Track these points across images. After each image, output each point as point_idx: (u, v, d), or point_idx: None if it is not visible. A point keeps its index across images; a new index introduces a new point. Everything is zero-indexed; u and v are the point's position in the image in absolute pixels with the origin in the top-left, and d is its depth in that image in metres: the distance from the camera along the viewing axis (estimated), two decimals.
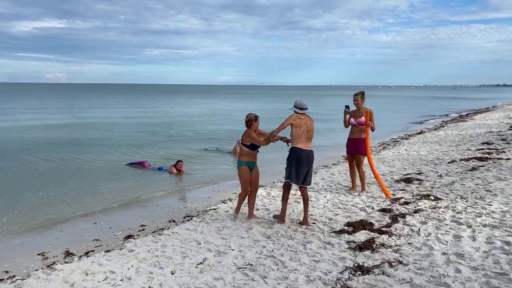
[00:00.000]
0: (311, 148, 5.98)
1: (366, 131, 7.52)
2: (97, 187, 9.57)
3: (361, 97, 7.58)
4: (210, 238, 5.72)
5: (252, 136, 6.12)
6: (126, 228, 6.66)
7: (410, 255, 4.72)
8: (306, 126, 5.87)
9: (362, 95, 7.62)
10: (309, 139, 5.97)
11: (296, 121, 5.83)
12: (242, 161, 6.33)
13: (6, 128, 22.10)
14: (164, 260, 4.97)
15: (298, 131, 5.85)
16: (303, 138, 5.87)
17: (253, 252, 5.09)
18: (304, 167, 5.90)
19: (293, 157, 5.88)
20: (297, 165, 5.86)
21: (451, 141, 15.17)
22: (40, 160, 12.81)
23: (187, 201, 8.33)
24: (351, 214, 6.46)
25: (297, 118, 5.86)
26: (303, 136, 5.87)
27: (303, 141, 5.88)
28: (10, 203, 8.18)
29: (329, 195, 7.74)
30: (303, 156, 5.86)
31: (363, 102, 7.60)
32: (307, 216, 6.07)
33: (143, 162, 12.17)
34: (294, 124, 5.84)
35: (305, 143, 5.90)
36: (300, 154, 5.85)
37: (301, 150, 5.85)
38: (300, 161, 5.85)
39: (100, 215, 7.50)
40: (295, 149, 5.87)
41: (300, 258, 4.78)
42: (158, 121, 27.63)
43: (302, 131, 5.85)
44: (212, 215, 6.94)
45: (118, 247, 5.64)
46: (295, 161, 5.86)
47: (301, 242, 5.36)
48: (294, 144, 5.89)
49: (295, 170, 5.88)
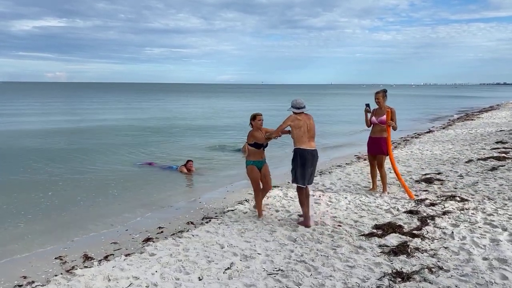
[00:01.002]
0: (315, 148, 5.86)
1: (387, 131, 7.31)
2: (108, 188, 9.33)
3: (382, 95, 7.36)
4: (233, 241, 5.51)
5: (255, 134, 6.18)
6: (143, 230, 6.45)
7: (448, 260, 4.51)
8: (306, 126, 5.76)
9: (384, 93, 7.39)
10: (312, 138, 5.85)
11: (295, 122, 5.72)
12: (249, 161, 6.35)
13: (9, 130, 21.90)
14: (189, 265, 4.77)
15: (299, 132, 5.73)
16: (305, 138, 5.75)
17: (281, 257, 4.88)
18: (309, 167, 5.79)
19: (297, 158, 5.77)
20: (302, 166, 5.75)
21: (463, 140, 14.95)
22: (47, 163, 12.55)
23: (202, 202, 8.10)
24: (377, 216, 6.25)
25: (295, 119, 5.74)
26: (305, 136, 5.75)
27: (306, 141, 5.76)
28: (22, 206, 7.96)
29: (350, 196, 7.53)
30: (308, 156, 5.74)
31: (385, 100, 7.38)
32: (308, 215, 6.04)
33: (150, 163, 12.01)
34: (294, 125, 5.73)
35: (308, 143, 5.78)
36: (304, 154, 5.74)
37: (305, 151, 5.74)
38: (305, 161, 5.74)
39: (114, 217, 7.26)
40: (299, 150, 5.76)
41: (333, 264, 4.57)
42: (163, 119, 27.37)
43: (303, 131, 5.73)
44: (231, 216, 6.74)
45: (138, 251, 5.43)
46: (300, 162, 5.75)
47: (330, 246, 5.15)
48: (297, 145, 5.77)
49: (300, 172, 5.77)
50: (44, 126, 22.60)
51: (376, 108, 7.46)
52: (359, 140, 17.79)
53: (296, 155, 5.79)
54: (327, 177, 9.49)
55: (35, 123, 23.93)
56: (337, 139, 18.21)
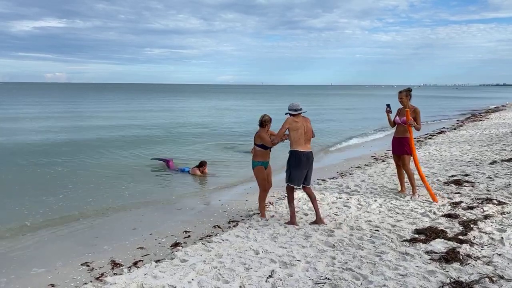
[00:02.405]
0: (310, 150, 5.95)
1: (409, 131, 7.06)
2: (121, 191, 9.06)
3: (405, 95, 7.11)
4: (267, 246, 5.24)
5: (262, 136, 6.24)
6: (169, 234, 6.17)
7: (506, 268, 4.24)
8: (304, 128, 5.83)
9: (407, 92, 7.14)
10: (308, 141, 5.93)
11: (292, 125, 5.81)
12: (257, 161, 6.43)
13: (15, 129, 21.62)
14: (226, 273, 4.49)
15: (296, 134, 5.80)
16: (301, 140, 5.82)
17: (323, 264, 4.61)
18: (304, 168, 5.86)
19: (292, 160, 5.85)
20: (297, 168, 5.83)
21: (480, 141, 14.68)
22: (57, 164, 12.31)
23: (224, 204, 7.82)
24: (415, 220, 5.97)
25: (293, 121, 5.82)
26: (302, 139, 5.82)
27: (302, 144, 5.83)
28: (36, 209, 7.70)
29: (380, 199, 7.26)
30: (303, 158, 5.81)
31: (409, 99, 7.13)
32: (319, 215, 6.06)
33: (168, 160, 11.63)
34: (291, 127, 5.81)
35: (304, 145, 5.85)
36: (299, 156, 5.80)
37: (300, 153, 5.81)
38: (300, 163, 5.81)
39: (135, 221, 6.99)
40: (295, 152, 5.84)
41: (382, 272, 4.29)
42: (169, 120, 27.07)
43: (300, 133, 5.80)
44: (258, 220, 6.47)
45: (168, 257, 5.16)
46: (295, 164, 5.83)
47: (373, 252, 4.87)
48: (294, 147, 5.85)
49: (295, 173, 5.85)
50: (46, 124, 22.35)
51: (400, 108, 7.24)
52: (372, 140, 17.64)
53: (292, 157, 5.86)
54: (349, 178, 9.24)
55: (45, 126, 23.65)
56: (347, 139, 17.95)
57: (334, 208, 6.88)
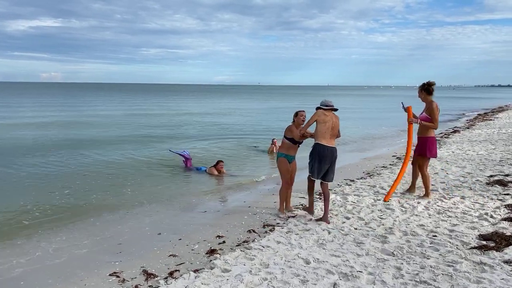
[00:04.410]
0: (334, 145, 5.85)
1: (408, 129, 6.66)
2: (135, 190, 8.51)
3: (420, 90, 6.68)
4: (317, 255, 4.68)
5: (292, 129, 6.25)
6: (200, 240, 5.58)
7: None
8: (332, 123, 5.76)
9: (423, 87, 6.65)
10: (333, 136, 5.84)
11: (321, 117, 5.75)
12: (282, 153, 6.42)
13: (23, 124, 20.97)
14: (280, 286, 3.94)
15: (323, 127, 5.74)
16: (327, 134, 5.75)
17: (389, 275, 4.05)
18: (326, 163, 5.78)
19: (315, 153, 5.79)
20: (319, 161, 5.76)
21: (502, 140, 14.22)
22: (62, 162, 11.72)
23: (250, 206, 7.23)
24: (473, 225, 5.43)
25: (322, 114, 5.77)
26: (328, 133, 5.75)
27: (327, 138, 5.75)
28: (47, 211, 7.12)
29: (422, 201, 6.72)
30: (326, 152, 5.74)
31: (424, 94, 6.63)
32: (327, 214, 5.94)
33: (187, 158, 10.96)
34: (319, 120, 5.75)
35: (329, 140, 5.77)
36: (323, 150, 5.73)
37: (324, 147, 5.73)
38: (323, 157, 5.74)
39: (158, 224, 6.40)
40: (318, 146, 5.76)
41: (465, 285, 3.73)
42: (175, 119, 26.42)
43: (327, 127, 5.73)
44: (296, 224, 5.92)
45: (207, 266, 4.59)
46: (318, 158, 5.76)
47: (442, 261, 4.32)
48: (318, 140, 5.78)
49: (316, 166, 5.78)
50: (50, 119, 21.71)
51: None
52: (386, 138, 17.08)
53: (315, 150, 5.79)
54: (379, 179, 8.70)
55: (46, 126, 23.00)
56: (362, 140, 17.41)
57: (376, 211, 6.34)
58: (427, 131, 6.66)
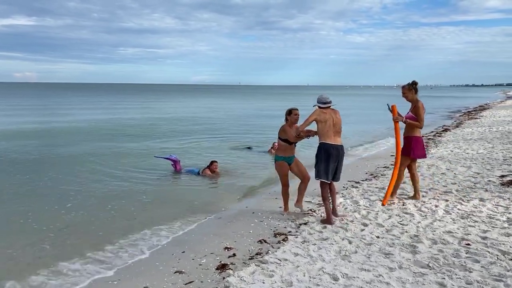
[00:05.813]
0: (340, 143, 5.66)
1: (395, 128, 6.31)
2: (132, 200, 7.85)
3: (408, 89, 6.32)
4: (344, 269, 4.17)
5: (286, 130, 6.03)
6: (207, 252, 4.98)
7: None
8: (332, 120, 5.56)
9: (409, 86, 6.32)
10: (338, 133, 5.65)
11: (320, 116, 5.56)
12: (280, 156, 6.19)
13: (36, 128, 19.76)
14: None
15: (324, 126, 5.55)
16: (330, 132, 5.55)
17: None
18: (333, 162, 5.59)
19: (321, 153, 5.59)
20: (326, 161, 5.56)
21: (496, 138, 14.05)
22: (37, 166, 10.88)
23: (254, 212, 6.66)
24: (506, 230, 5.01)
25: (320, 113, 5.59)
26: (330, 131, 5.55)
27: (331, 136, 5.56)
28: (38, 220, 6.40)
29: (441, 204, 6.31)
30: (333, 151, 5.54)
31: (412, 93, 6.31)
32: (335, 207, 5.92)
33: (176, 161, 10.14)
34: (319, 119, 5.56)
35: (334, 138, 5.58)
36: (329, 149, 5.54)
37: (329, 145, 5.54)
38: (329, 156, 5.54)
39: (154, 235, 5.78)
40: (323, 145, 5.59)
41: None
42: (161, 120, 25.50)
43: (328, 125, 5.54)
44: (310, 232, 5.39)
45: (220, 285, 4.01)
46: (324, 157, 5.56)
47: (487, 275, 3.86)
48: (322, 140, 5.60)
49: (324, 167, 5.58)
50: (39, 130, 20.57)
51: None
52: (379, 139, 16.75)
53: (320, 150, 5.60)
54: (385, 180, 8.27)
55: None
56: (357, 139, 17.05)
57: (394, 216, 5.87)
58: (413, 130, 6.36)
